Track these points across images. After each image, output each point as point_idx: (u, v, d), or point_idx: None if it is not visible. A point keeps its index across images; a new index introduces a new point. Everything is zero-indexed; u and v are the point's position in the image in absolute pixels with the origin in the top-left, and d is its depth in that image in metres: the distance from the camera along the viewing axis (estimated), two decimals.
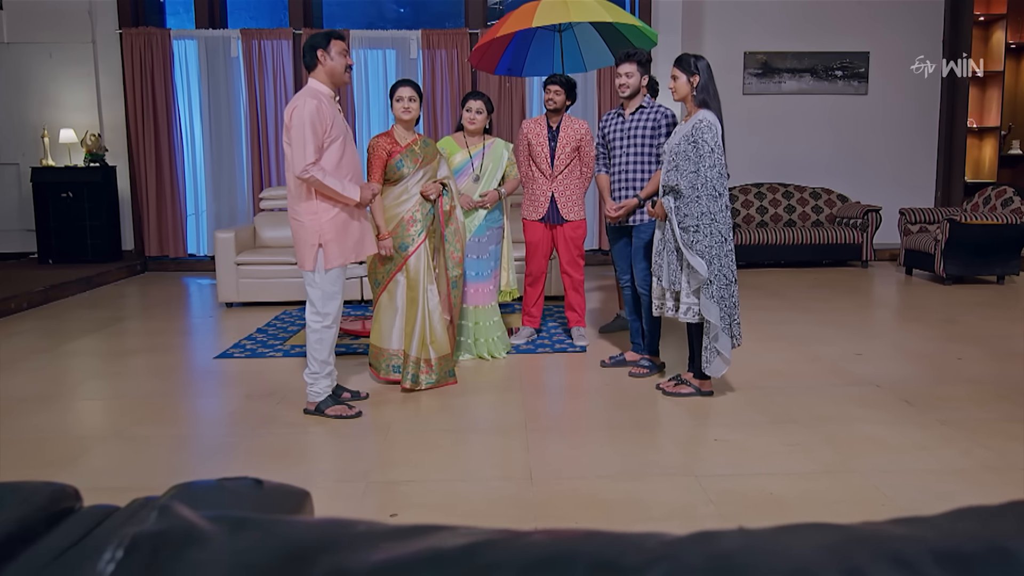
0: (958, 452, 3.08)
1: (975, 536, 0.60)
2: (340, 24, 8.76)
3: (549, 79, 4.79)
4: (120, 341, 5.35)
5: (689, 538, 0.61)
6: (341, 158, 3.51)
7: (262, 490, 1.02)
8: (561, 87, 4.74)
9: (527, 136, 4.83)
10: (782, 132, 8.97)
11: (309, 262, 3.51)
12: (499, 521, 2.53)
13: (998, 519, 0.64)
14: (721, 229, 3.66)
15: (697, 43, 8.76)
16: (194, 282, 7.84)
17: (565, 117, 4.81)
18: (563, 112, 4.81)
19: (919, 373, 4.24)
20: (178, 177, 8.44)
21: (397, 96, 3.99)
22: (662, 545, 0.59)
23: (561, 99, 4.74)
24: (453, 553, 0.60)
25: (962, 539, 0.60)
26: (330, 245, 3.47)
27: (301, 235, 3.52)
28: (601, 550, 0.60)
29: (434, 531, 0.64)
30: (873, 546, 0.59)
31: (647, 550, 0.59)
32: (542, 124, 4.82)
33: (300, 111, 3.38)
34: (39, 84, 8.35)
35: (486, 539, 0.62)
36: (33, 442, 3.32)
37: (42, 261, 8.11)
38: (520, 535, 0.62)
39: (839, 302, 6.34)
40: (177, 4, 8.82)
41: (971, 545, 0.58)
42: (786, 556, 0.59)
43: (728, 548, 0.60)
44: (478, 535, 0.62)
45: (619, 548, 0.59)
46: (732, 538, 0.61)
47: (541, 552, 0.59)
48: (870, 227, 8.05)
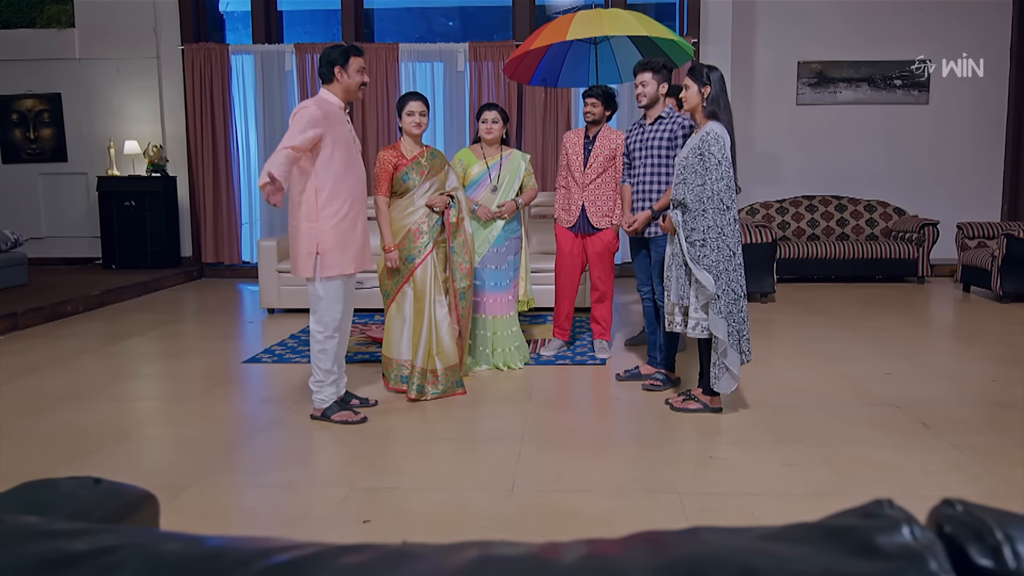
0: (963, 478, 2.95)
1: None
2: (390, 37, 8.95)
3: (587, 91, 4.80)
4: (160, 344, 5.57)
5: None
6: (346, 167, 3.57)
7: (98, 490, 1.06)
8: (599, 99, 4.74)
9: (566, 146, 4.86)
10: (836, 143, 8.73)
11: (307, 269, 3.55)
12: (467, 532, 2.55)
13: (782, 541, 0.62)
14: (729, 243, 3.60)
15: (748, 52, 8.63)
16: (246, 288, 8.08)
17: (604, 128, 4.81)
18: (602, 123, 4.80)
19: (945, 394, 4.07)
20: (234, 187, 8.75)
21: (408, 110, 4.04)
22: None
23: (599, 111, 4.74)
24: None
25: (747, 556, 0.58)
26: (328, 254, 3.51)
27: (298, 242, 3.56)
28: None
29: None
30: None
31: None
32: (580, 135, 4.85)
33: (304, 111, 3.44)
34: (107, 98, 8.79)
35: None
36: (52, 438, 3.49)
37: (106, 266, 8.51)
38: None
39: (883, 319, 6.12)
40: (236, 20, 9.15)
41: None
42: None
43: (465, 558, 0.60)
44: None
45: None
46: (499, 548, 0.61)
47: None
48: (926, 242, 7.75)
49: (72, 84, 8.79)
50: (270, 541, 0.62)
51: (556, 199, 4.95)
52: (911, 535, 0.56)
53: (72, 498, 1.02)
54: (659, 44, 5.28)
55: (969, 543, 0.56)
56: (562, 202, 4.90)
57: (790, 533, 0.60)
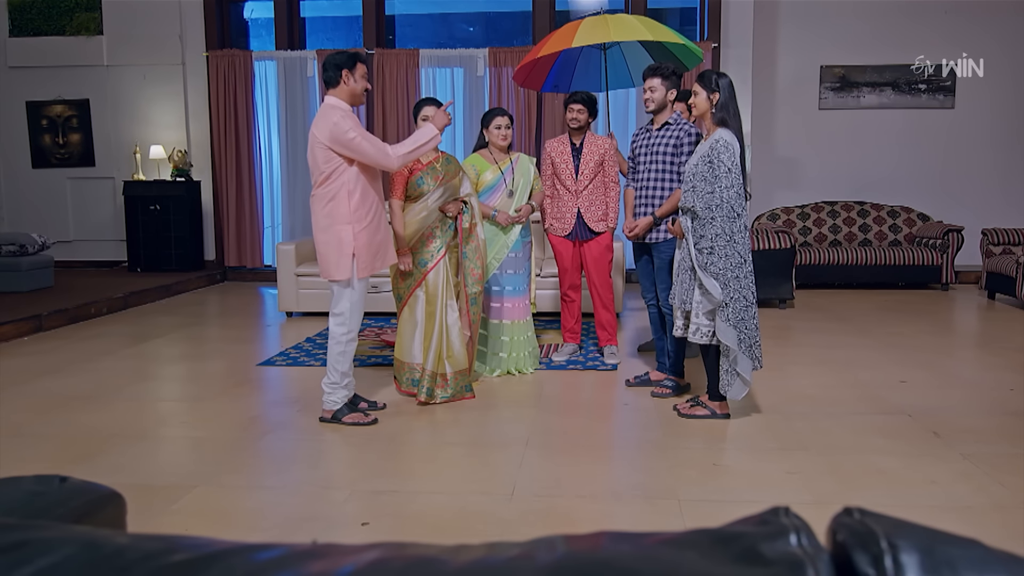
0: (971, 489, 2.90)
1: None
2: (411, 44, 9.01)
3: (571, 98, 4.81)
4: (179, 346, 5.65)
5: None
6: (368, 170, 3.60)
7: (62, 489, 1.09)
8: (584, 105, 4.75)
9: (550, 155, 4.85)
10: (860, 148, 8.63)
11: (343, 271, 3.57)
12: (464, 536, 2.56)
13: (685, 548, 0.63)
14: (740, 250, 3.58)
15: (770, 57, 8.57)
16: (267, 292, 8.17)
17: (588, 134, 4.81)
18: (587, 129, 4.81)
19: (960, 403, 4.00)
20: (256, 191, 8.85)
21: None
22: None
23: (584, 117, 4.75)
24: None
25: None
26: (362, 255, 3.56)
27: (332, 245, 3.56)
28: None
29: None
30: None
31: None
32: (565, 142, 4.83)
33: (342, 123, 3.44)
34: (133, 103, 8.94)
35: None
36: (65, 437, 3.56)
37: (131, 269, 8.65)
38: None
39: (903, 326, 6.03)
40: (260, 27, 9.28)
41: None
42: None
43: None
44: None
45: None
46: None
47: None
48: (950, 248, 7.63)
49: (100, 90, 8.96)
50: (176, 539, 0.64)
51: (544, 208, 4.94)
52: (797, 543, 0.57)
53: (35, 496, 1.04)
54: (669, 48, 5.26)
55: (855, 551, 0.56)
56: (553, 211, 4.87)
57: (686, 539, 0.61)
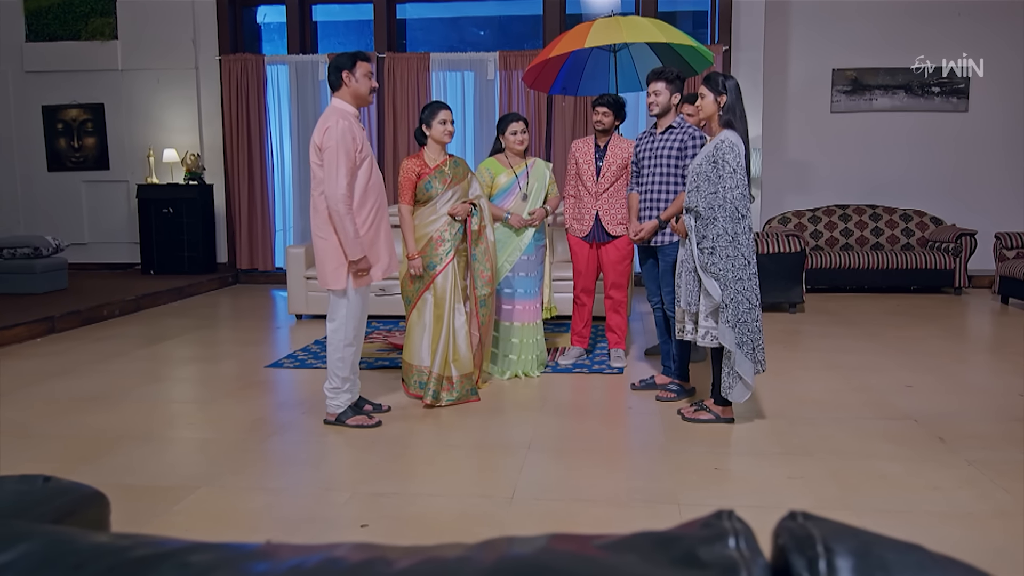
0: (974, 495, 2.88)
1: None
2: (423, 47, 9.04)
3: (597, 100, 4.81)
4: (190, 348, 5.70)
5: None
6: (368, 180, 3.63)
7: (45, 488, 1.11)
8: (609, 108, 4.75)
9: (575, 156, 4.86)
10: (872, 151, 8.58)
11: (338, 281, 3.61)
12: (462, 538, 2.56)
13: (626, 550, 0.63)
14: (743, 252, 3.57)
15: (782, 60, 8.54)
16: (278, 294, 8.22)
17: (614, 136, 4.81)
18: (612, 132, 4.81)
19: (968, 408, 3.97)
20: (268, 194, 8.91)
21: (440, 119, 4.10)
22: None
23: (609, 120, 4.75)
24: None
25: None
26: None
27: (328, 253, 3.62)
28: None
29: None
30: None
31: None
32: (590, 144, 4.84)
33: (332, 132, 3.49)
34: (147, 107, 9.03)
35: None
36: (72, 438, 3.60)
37: (144, 272, 8.73)
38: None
39: (913, 331, 5.99)
40: (272, 31, 9.34)
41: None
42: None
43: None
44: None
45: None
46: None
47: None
48: (963, 252, 7.56)
49: (115, 94, 9.05)
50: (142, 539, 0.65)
51: (566, 208, 4.95)
52: (735, 547, 0.57)
53: (18, 495, 1.06)
54: (679, 51, 5.25)
55: (792, 555, 0.56)
56: (573, 211, 4.89)
57: (629, 542, 0.61)
